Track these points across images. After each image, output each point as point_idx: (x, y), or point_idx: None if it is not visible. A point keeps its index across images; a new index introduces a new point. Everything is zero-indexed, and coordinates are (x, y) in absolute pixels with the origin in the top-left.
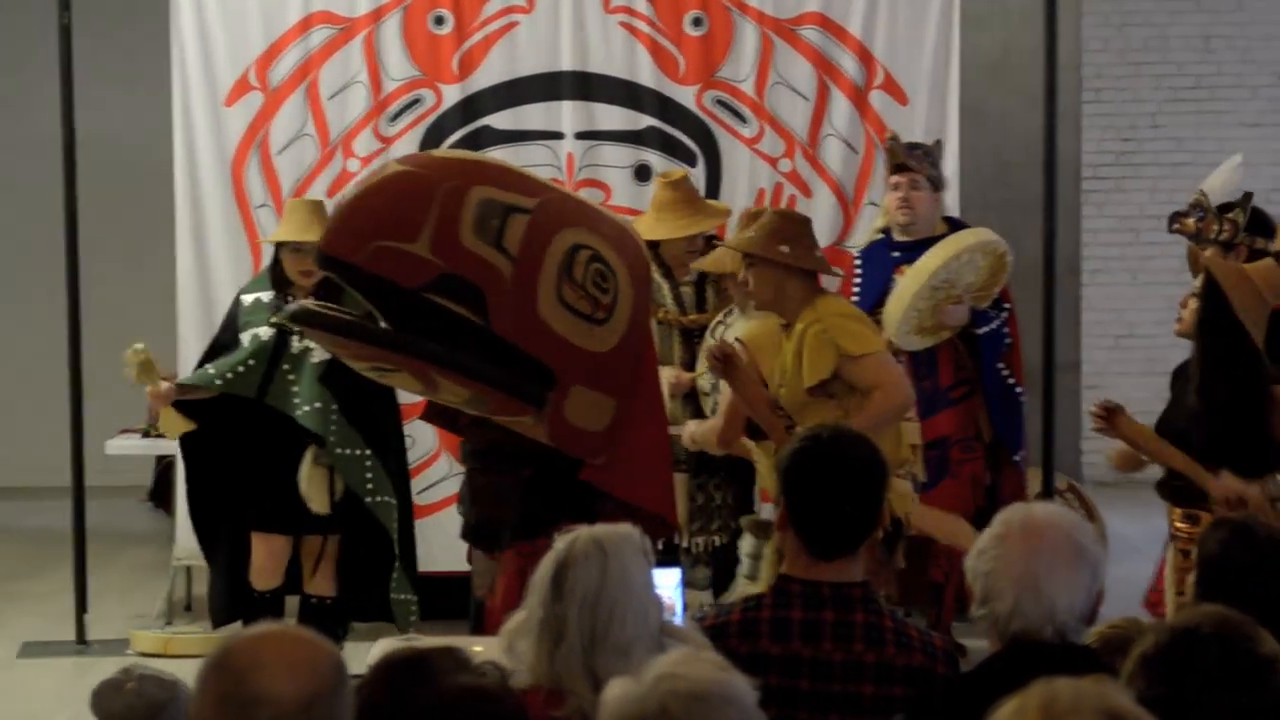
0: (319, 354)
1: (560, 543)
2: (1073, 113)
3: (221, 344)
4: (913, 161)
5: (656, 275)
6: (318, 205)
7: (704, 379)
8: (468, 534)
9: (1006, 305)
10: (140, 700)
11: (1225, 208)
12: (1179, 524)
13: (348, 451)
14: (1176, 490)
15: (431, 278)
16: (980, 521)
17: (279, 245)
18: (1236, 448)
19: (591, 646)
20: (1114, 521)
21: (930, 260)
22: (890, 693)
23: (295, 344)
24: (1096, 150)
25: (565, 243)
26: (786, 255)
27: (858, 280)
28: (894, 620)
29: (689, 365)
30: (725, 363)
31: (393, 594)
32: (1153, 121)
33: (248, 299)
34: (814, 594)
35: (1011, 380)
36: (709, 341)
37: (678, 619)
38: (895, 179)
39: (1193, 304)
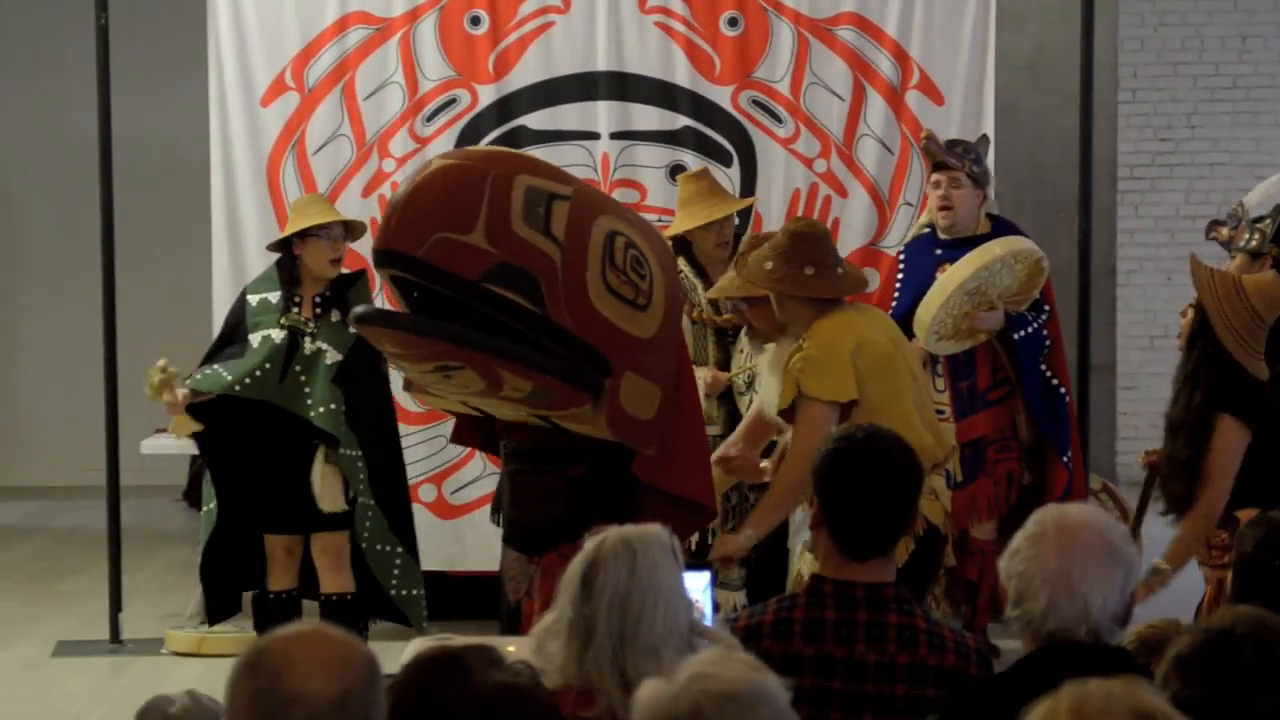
0: (332, 356)
1: (589, 543)
2: (1109, 113)
3: (228, 343)
4: (952, 159)
5: (690, 275)
6: (324, 197)
7: (739, 378)
8: (507, 535)
9: (1047, 307)
10: (200, 710)
11: (1259, 219)
12: None
13: (348, 452)
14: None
15: (489, 267)
16: (1019, 522)
17: (293, 242)
18: (1180, 465)
19: (621, 646)
20: (1148, 522)
21: (959, 271)
22: (923, 693)
23: (308, 346)
24: (1133, 150)
25: (603, 229)
26: (768, 277)
27: (900, 275)
28: (927, 621)
29: (724, 365)
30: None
31: (395, 591)
32: (1189, 122)
33: (254, 299)
34: (847, 595)
35: (1055, 381)
36: (740, 369)
37: (707, 621)
38: (935, 177)
39: (1190, 314)
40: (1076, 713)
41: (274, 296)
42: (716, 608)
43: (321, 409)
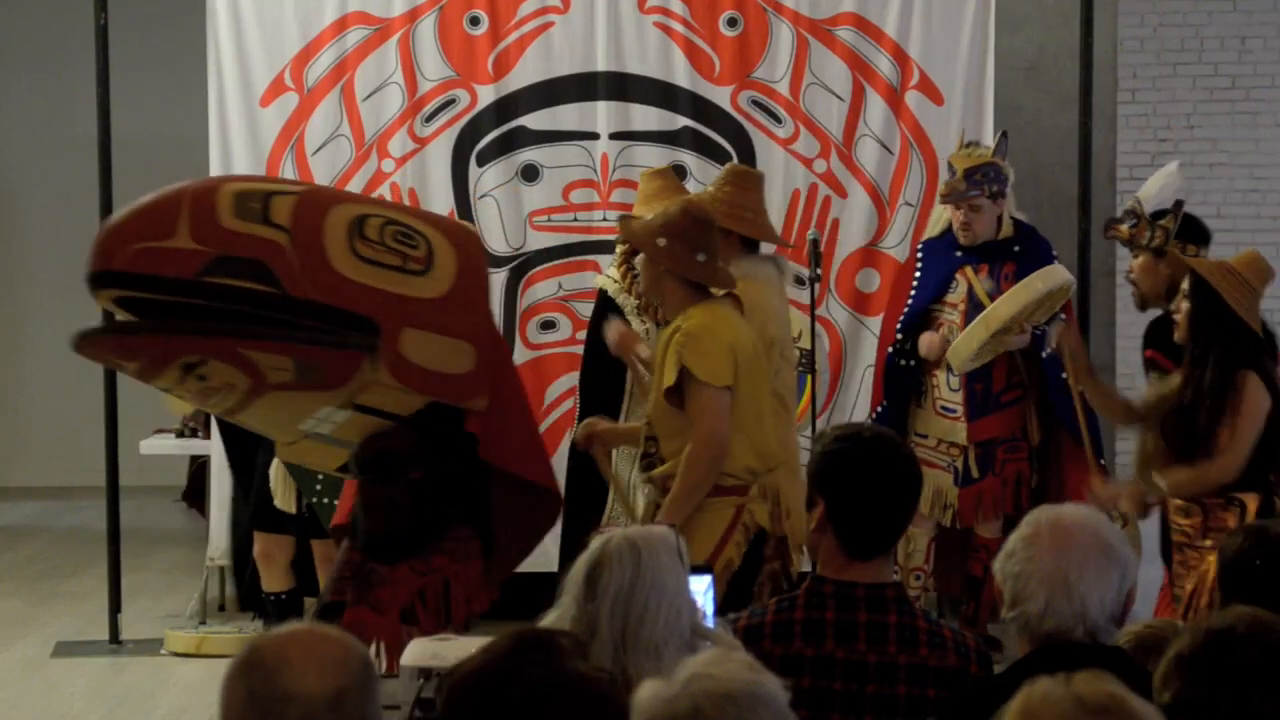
0: None
1: (595, 542)
2: (1108, 113)
3: None
4: (972, 191)
5: None
6: None
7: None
8: (364, 547)
9: (1063, 315)
10: None
11: (1159, 215)
12: (1174, 516)
13: None
14: None
15: (205, 263)
16: None
17: None
18: (1198, 437)
19: (623, 645)
20: (1147, 523)
21: (1003, 309)
22: (923, 694)
23: None
24: (1132, 151)
25: (347, 214)
26: (661, 253)
27: (918, 273)
28: (927, 621)
29: None
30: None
31: None
32: (1188, 122)
33: None
34: (847, 595)
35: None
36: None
37: (708, 623)
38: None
39: (1185, 306)
40: (1024, 708)
41: None
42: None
43: None
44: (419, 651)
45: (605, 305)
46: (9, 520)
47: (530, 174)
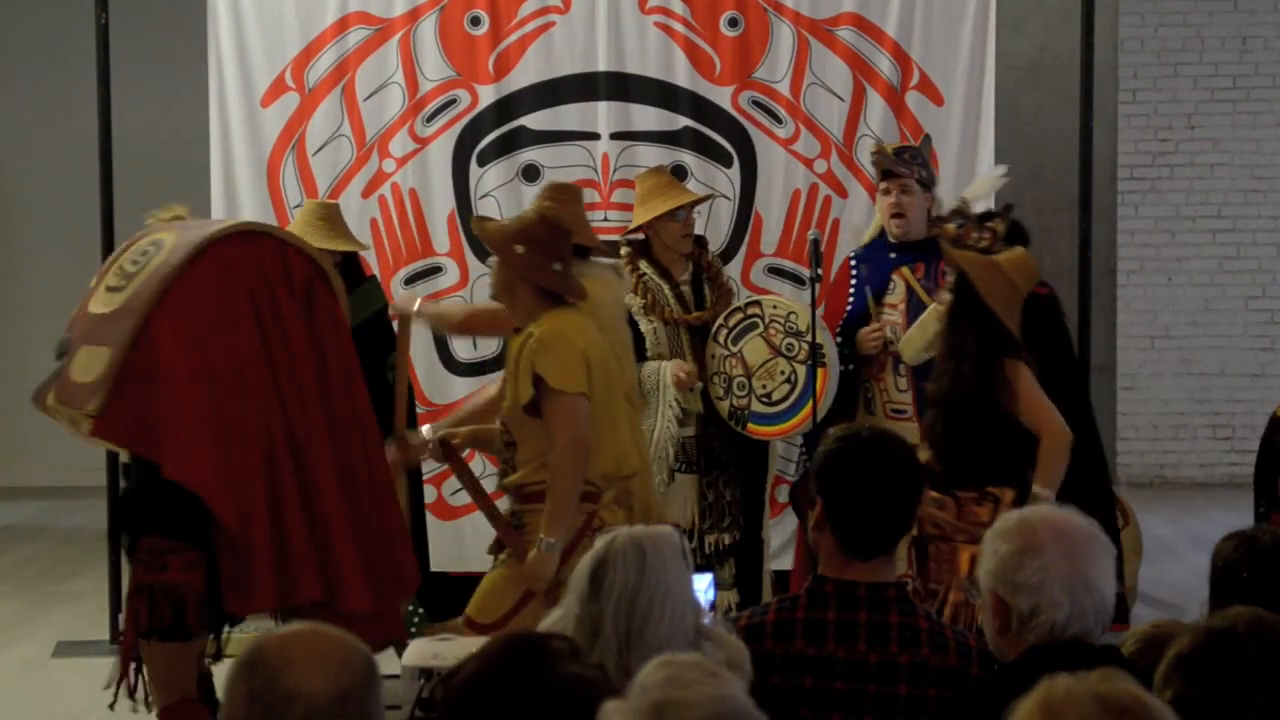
0: None
1: (599, 542)
2: (1109, 113)
3: None
4: (902, 168)
5: (654, 276)
6: (331, 209)
7: (716, 381)
8: None
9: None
10: None
11: (986, 216)
12: (927, 508)
13: None
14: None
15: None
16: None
17: None
18: (968, 436)
19: (627, 645)
20: (1148, 523)
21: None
22: (925, 693)
23: None
24: (1133, 151)
25: (134, 245)
26: (520, 260)
27: (853, 279)
28: (929, 621)
29: (702, 366)
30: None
31: None
32: (1189, 122)
33: None
34: (849, 595)
35: None
36: (715, 371)
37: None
38: (885, 184)
39: (947, 298)
40: (1044, 705)
41: None
42: (713, 607)
43: None
44: (419, 651)
45: None
46: (9, 520)
47: (531, 174)
